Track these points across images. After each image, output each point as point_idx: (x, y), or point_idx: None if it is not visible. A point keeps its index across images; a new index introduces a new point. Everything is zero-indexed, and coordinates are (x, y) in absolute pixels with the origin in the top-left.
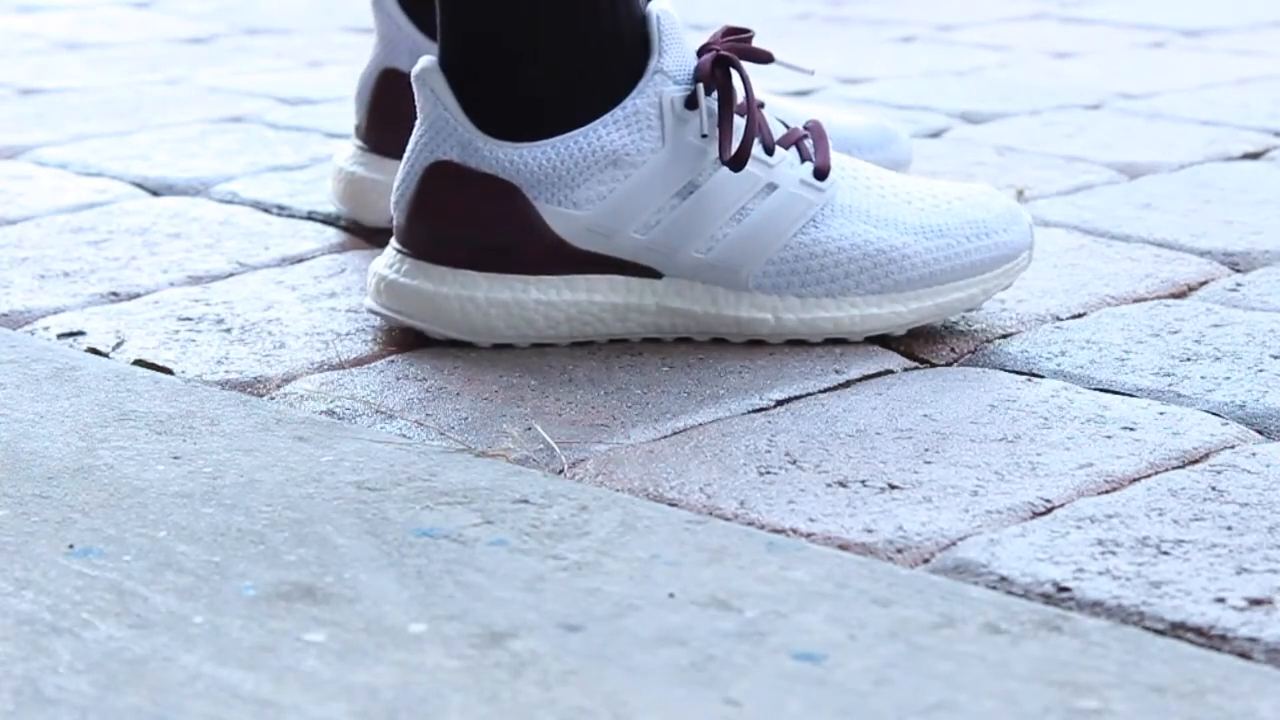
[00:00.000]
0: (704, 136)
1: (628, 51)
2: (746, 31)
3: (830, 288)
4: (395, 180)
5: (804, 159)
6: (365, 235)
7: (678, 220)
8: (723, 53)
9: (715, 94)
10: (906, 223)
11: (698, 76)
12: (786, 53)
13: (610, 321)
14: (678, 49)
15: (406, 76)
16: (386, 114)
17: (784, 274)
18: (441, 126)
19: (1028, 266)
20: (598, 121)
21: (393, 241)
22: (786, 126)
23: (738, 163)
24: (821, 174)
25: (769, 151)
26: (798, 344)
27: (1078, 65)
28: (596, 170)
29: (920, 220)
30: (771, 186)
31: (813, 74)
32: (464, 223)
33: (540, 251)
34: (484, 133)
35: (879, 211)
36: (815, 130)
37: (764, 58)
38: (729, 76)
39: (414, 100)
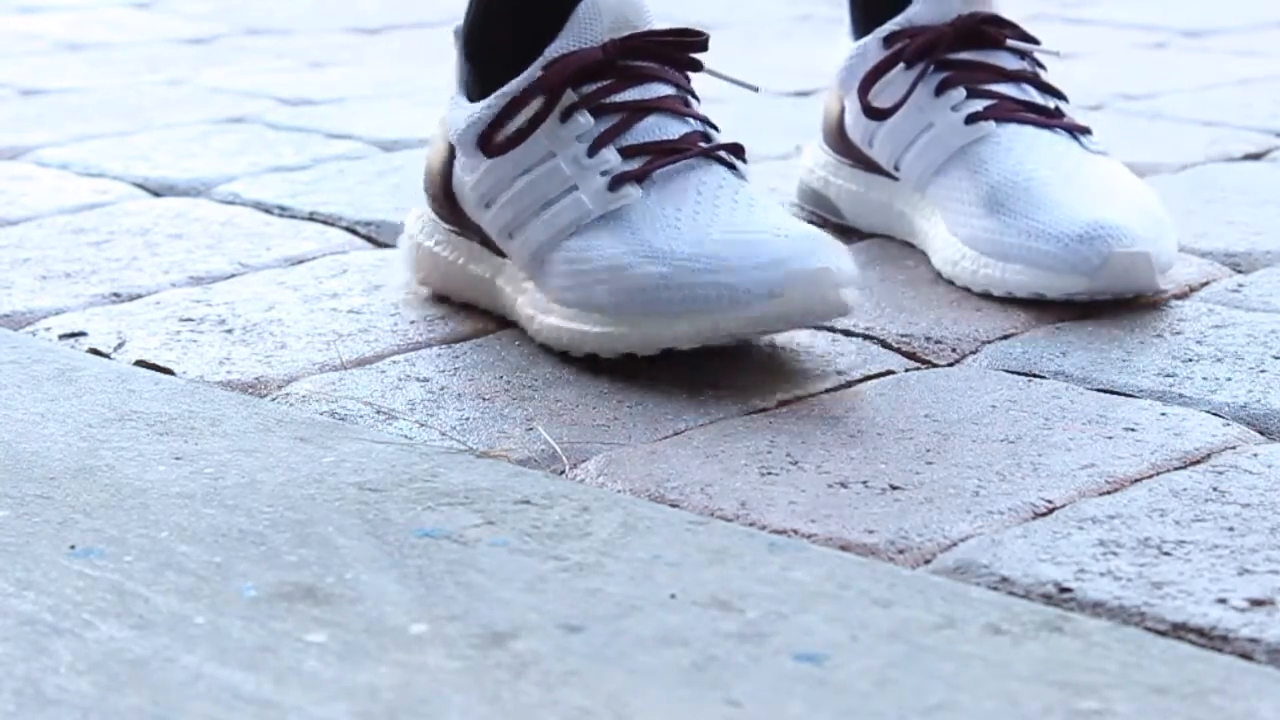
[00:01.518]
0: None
1: (544, 36)
2: (697, 34)
3: (565, 296)
4: None
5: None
6: (367, 236)
7: (508, 201)
8: (611, 50)
9: (590, 86)
10: (649, 242)
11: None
12: (788, 54)
13: (477, 291)
14: (575, 39)
15: None
16: None
17: (546, 274)
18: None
19: (799, 323)
20: (490, 96)
21: None
22: (705, 137)
23: (486, 149)
24: (615, 185)
25: (590, 154)
26: (798, 345)
27: (1078, 65)
28: (474, 142)
29: (666, 243)
30: (574, 188)
31: (757, 90)
32: (430, 165)
33: (449, 207)
34: (464, 91)
35: (645, 231)
36: (706, 149)
37: (687, 64)
38: (601, 73)
39: None
